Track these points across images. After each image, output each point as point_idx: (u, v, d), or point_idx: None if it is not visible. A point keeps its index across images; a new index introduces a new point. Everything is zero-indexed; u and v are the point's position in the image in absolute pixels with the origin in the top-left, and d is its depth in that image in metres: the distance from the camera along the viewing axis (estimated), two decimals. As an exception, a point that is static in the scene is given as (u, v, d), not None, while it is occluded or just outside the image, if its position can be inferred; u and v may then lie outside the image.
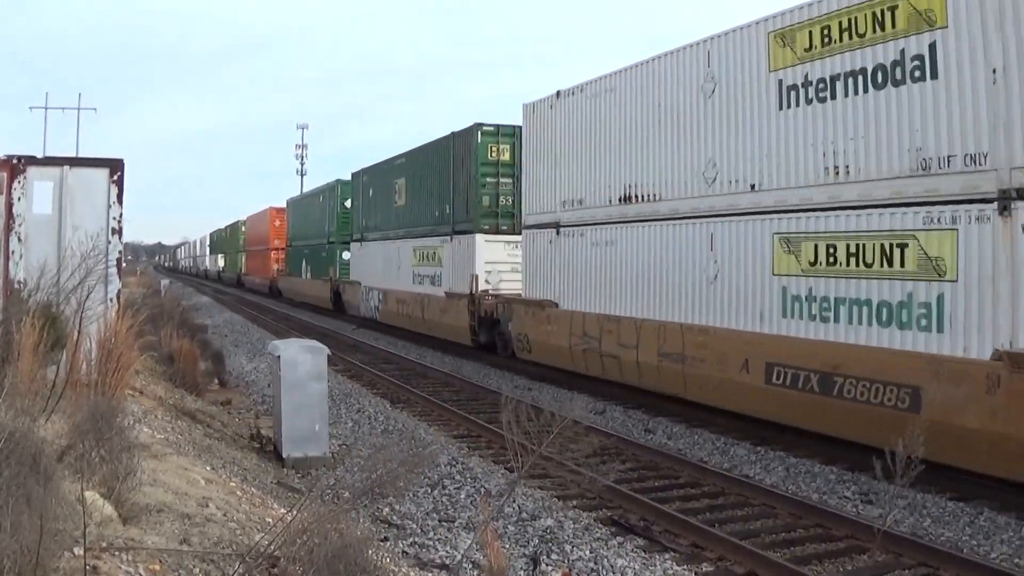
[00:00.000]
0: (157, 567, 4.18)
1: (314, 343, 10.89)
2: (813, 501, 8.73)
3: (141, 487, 5.25)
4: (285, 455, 9.88)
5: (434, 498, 8.79)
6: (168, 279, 57.26)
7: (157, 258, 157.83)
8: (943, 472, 8.62)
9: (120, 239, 10.17)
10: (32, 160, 10.15)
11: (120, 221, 10.18)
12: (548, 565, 6.85)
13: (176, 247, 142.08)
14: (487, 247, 20.32)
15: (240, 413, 13.56)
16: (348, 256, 32.73)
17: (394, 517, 8.09)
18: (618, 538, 7.66)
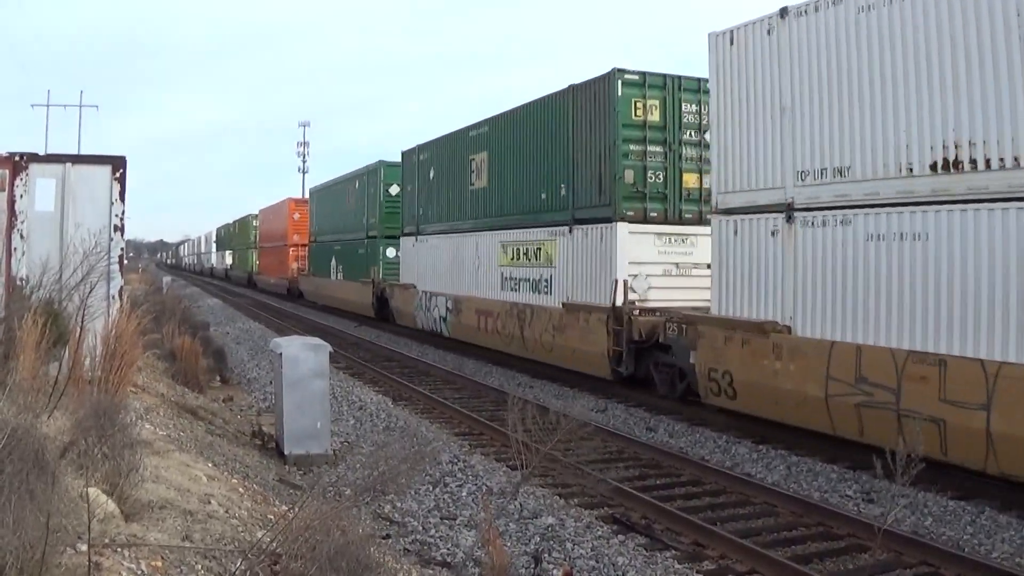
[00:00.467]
0: (159, 563, 4.19)
1: (316, 340, 10.90)
2: (814, 500, 8.73)
3: (143, 484, 5.26)
4: (287, 452, 9.89)
5: (436, 496, 8.80)
6: (170, 276, 56.65)
7: (159, 255, 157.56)
8: (945, 471, 8.63)
9: (122, 236, 10.19)
10: (34, 157, 10.16)
11: (122, 218, 10.20)
12: (549, 563, 6.85)
13: (179, 244, 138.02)
14: (632, 241, 14.63)
15: (242, 410, 13.58)
16: (395, 254, 27.30)
17: (396, 514, 8.10)
18: (619, 536, 7.66)
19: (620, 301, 14.14)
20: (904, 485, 5.25)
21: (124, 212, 10.23)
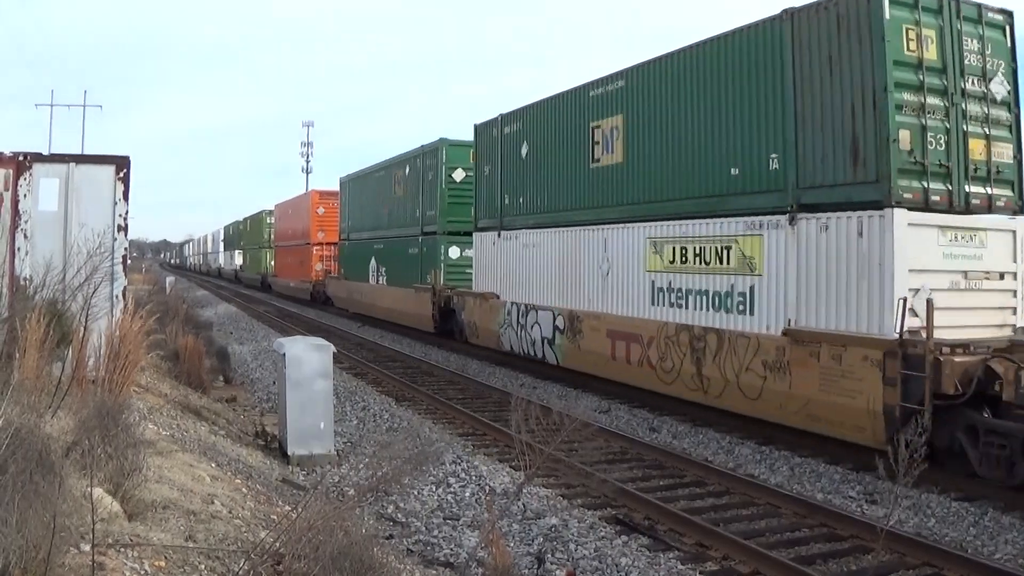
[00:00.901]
0: (162, 563, 4.20)
1: (319, 340, 10.90)
2: (818, 501, 8.72)
3: (147, 484, 5.27)
4: (290, 452, 9.90)
5: (439, 496, 8.80)
6: (173, 276, 56.29)
7: (162, 255, 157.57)
8: (946, 472, 8.61)
9: (126, 236, 10.21)
10: (38, 157, 10.18)
11: (126, 218, 10.22)
12: (552, 564, 6.85)
13: (183, 243, 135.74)
14: (912, 238, 9.86)
15: (245, 410, 13.60)
16: (461, 254, 22.74)
17: (399, 515, 8.10)
18: (623, 537, 7.65)
19: (905, 330, 9.28)
20: (906, 486, 5.24)
21: (128, 212, 10.26)
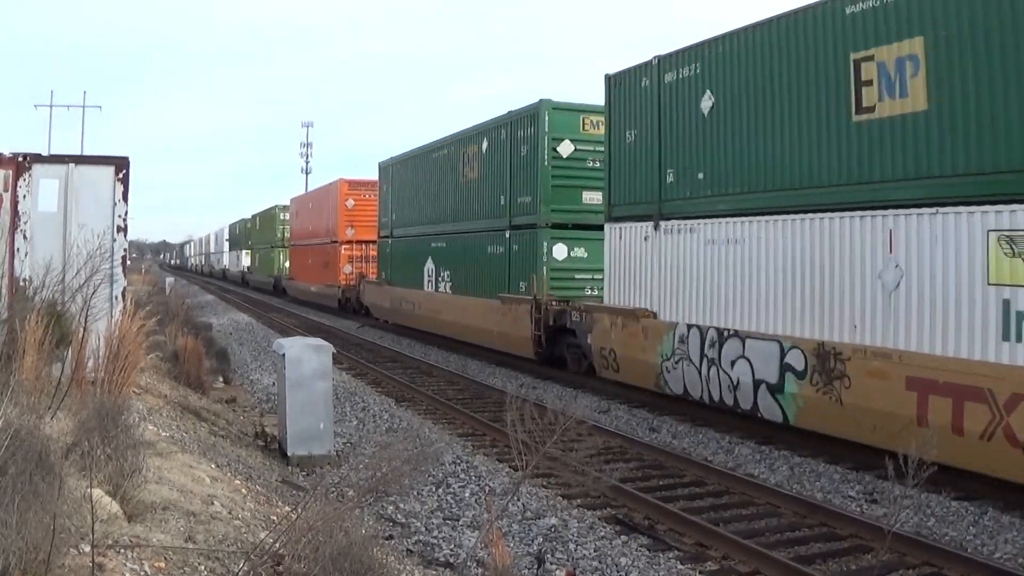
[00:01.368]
0: (162, 564, 4.19)
1: (319, 341, 10.91)
2: (818, 500, 8.72)
3: (146, 485, 5.27)
4: (290, 453, 9.90)
5: (439, 496, 8.80)
6: (172, 277, 55.95)
7: (162, 256, 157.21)
8: (948, 471, 8.61)
9: (125, 237, 10.20)
10: (37, 158, 10.17)
11: (125, 219, 10.21)
12: (552, 564, 6.85)
13: (184, 243, 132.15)
14: None
15: (245, 411, 13.59)
16: (570, 253, 17.70)
17: (399, 515, 8.10)
18: (622, 537, 7.66)
19: None
20: (915, 487, 5.24)
21: (127, 213, 10.25)
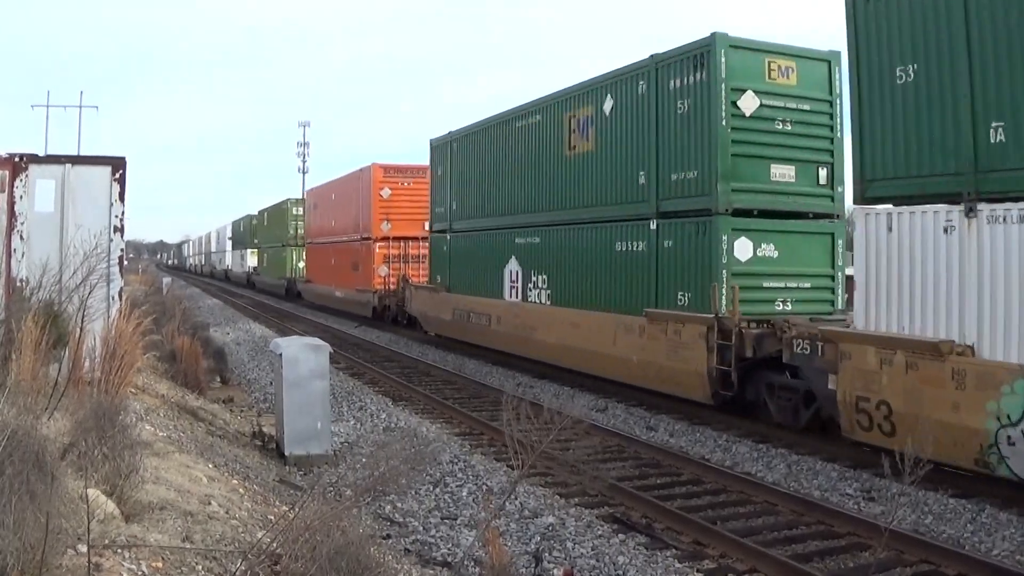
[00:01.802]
0: (160, 564, 4.19)
1: (316, 341, 10.90)
2: (815, 498, 8.73)
3: (144, 485, 5.26)
4: (287, 453, 9.89)
5: (436, 495, 8.80)
6: (169, 277, 55.58)
7: (159, 256, 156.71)
8: (945, 470, 8.62)
9: (122, 237, 10.18)
10: (34, 158, 10.15)
11: (122, 219, 10.19)
12: (550, 563, 6.85)
13: (182, 243, 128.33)
14: None
15: (242, 411, 13.58)
16: (757, 252, 12.55)
17: (396, 515, 8.10)
18: (620, 535, 7.66)
19: None
20: (912, 484, 5.25)
21: (124, 213, 10.23)
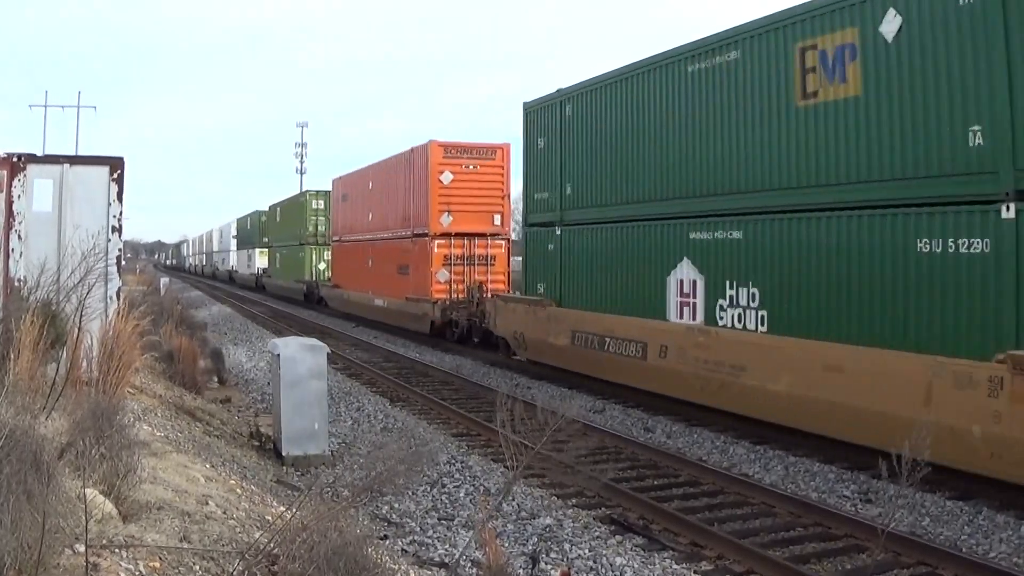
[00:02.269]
0: (157, 564, 4.19)
1: (314, 341, 10.89)
2: (812, 500, 8.74)
3: (141, 485, 5.26)
4: (284, 453, 9.89)
5: (433, 496, 8.80)
6: (167, 277, 55.29)
7: (156, 256, 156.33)
8: (943, 472, 8.63)
9: (120, 237, 10.17)
10: (32, 158, 10.14)
11: (120, 219, 10.19)
12: (547, 564, 6.85)
13: (180, 242, 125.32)
14: None
15: (240, 411, 13.57)
16: None
17: (393, 515, 8.10)
18: (617, 537, 7.67)
19: None
20: (910, 486, 5.27)
21: (122, 213, 10.22)
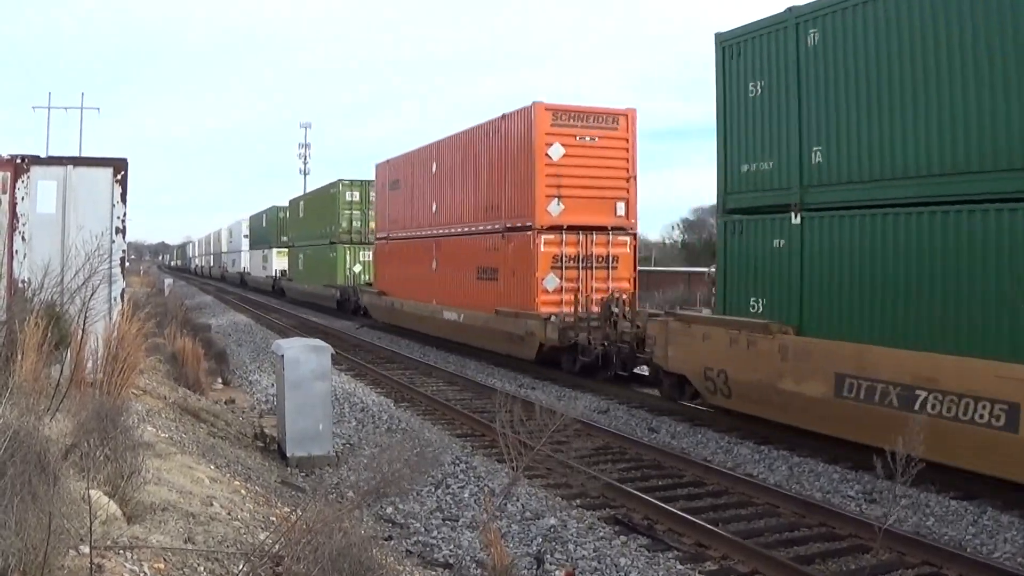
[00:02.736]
0: (162, 566, 4.19)
1: (318, 342, 10.89)
2: (816, 500, 8.73)
3: (146, 486, 5.26)
4: (289, 454, 9.89)
5: (438, 497, 8.80)
6: (171, 278, 55.08)
7: (160, 257, 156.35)
8: (946, 471, 8.62)
9: (124, 238, 10.18)
10: (36, 160, 10.15)
11: (124, 220, 10.20)
12: (552, 564, 6.85)
13: (185, 243, 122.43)
14: None
15: (244, 412, 13.58)
16: None
17: (398, 516, 8.10)
18: (622, 537, 7.66)
19: None
20: (904, 484, 5.27)
21: (126, 214, 10.23)
